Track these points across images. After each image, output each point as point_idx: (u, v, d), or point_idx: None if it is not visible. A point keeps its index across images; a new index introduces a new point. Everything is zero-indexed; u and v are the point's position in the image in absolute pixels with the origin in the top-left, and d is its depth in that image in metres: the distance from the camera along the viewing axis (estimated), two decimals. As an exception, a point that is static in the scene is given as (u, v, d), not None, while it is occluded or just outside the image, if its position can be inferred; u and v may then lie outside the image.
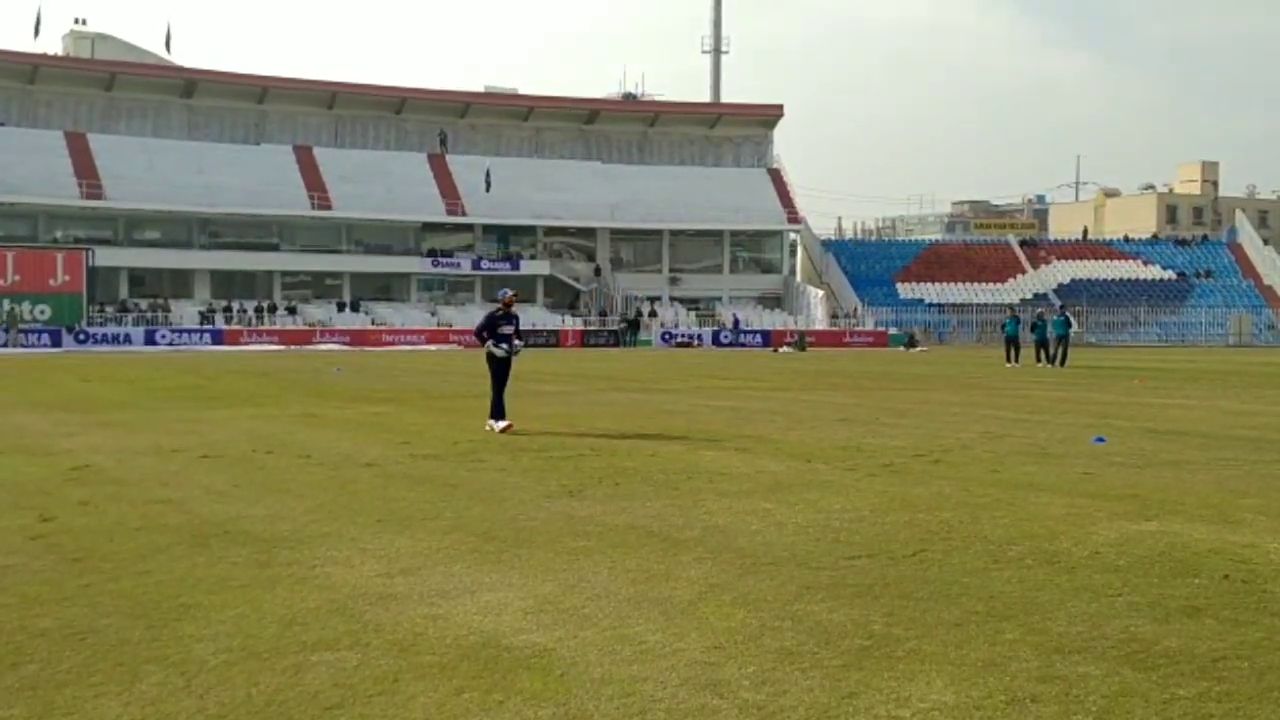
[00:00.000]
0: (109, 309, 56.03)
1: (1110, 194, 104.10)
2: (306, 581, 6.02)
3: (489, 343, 13.89)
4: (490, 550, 6.81)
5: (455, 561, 6.50)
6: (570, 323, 62.17)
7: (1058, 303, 63.03)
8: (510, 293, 14.38)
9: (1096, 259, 74.82)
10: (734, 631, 5.03)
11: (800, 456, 11.32)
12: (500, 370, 13.85)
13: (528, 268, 65.59)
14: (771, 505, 8.38)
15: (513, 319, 14.07)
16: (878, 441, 12.66)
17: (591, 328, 61.70)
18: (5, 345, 48.31)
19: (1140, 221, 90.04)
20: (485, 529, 7.48)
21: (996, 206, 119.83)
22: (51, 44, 74.41)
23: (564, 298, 66.91)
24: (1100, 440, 12.82)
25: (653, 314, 64.79)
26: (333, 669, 4.53)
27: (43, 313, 52.88)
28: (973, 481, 9.58)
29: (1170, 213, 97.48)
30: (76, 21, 71.09)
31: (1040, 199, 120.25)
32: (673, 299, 68.22)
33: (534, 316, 62.65)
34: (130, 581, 6.02)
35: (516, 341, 14.06)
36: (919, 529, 7.46)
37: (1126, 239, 78.99)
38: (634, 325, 61.24)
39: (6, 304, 51.82)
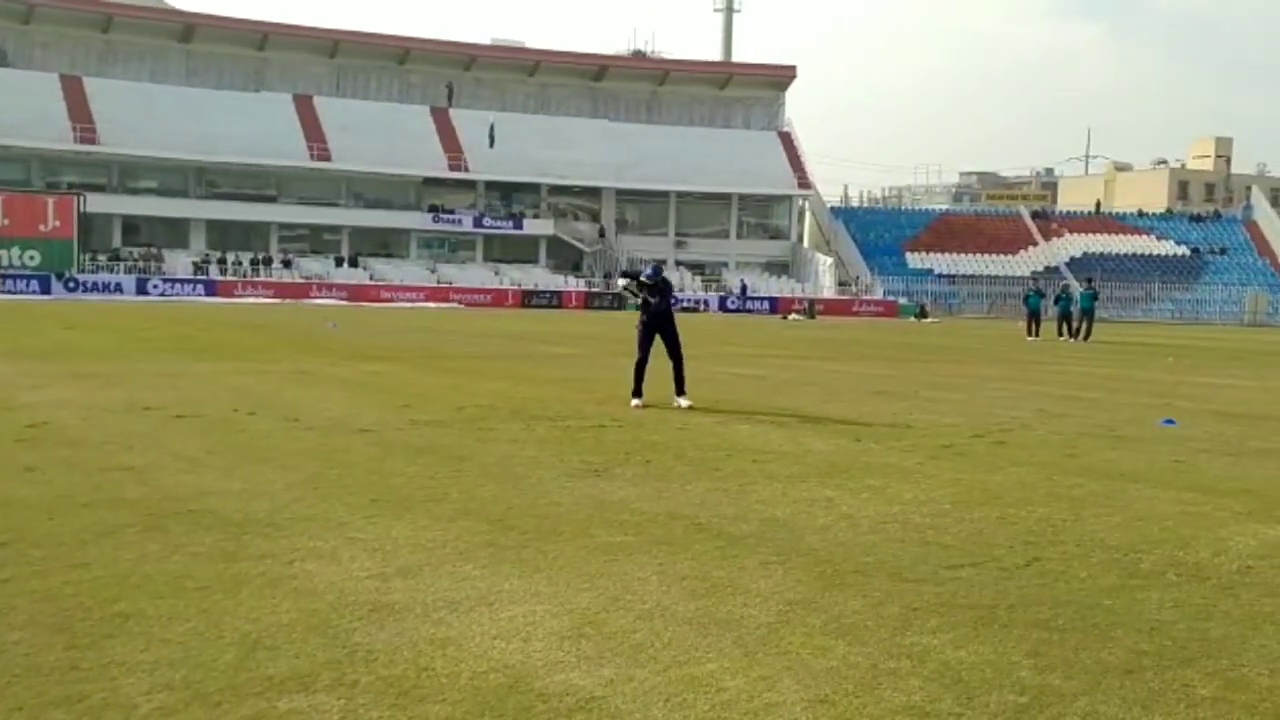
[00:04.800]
0: (101, 257, 54.63)
1: (1121, 168, 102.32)
2: (280, 583, 4.81)
3: (627, 287, 12.24)
4: (508, 544, 5.60)
5: (466, 559, 5.29)
6: (573, 284, 60.79)
7: (1069, 276, 61.69)
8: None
9: (1109, 233, 73.38)
10: (837, 674, 3.83)
11: (847, 434, 10.10)
12: (645, 333, 12.26)
13: (531, 227, 64.14)
14: (833, 493, 7.18)
15: (657, 291, 12.27)
16: (927, 418, 11.45)
17: (596, 290, 60.34)
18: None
19: (1151, 196, 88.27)
20: (500, 515, 6.27)
21: (1004, 178, 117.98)
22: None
23: (567, 259, 65.48)
24: (1169, 422, 11.64)
25: (658, 277, 63.37)
26: (306, 722, 3.33)
27: (32, 259, 51.45)
28: (1053, 468, 8.38)
29: (1182, 188, 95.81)
30: (73, -39, 69.13)
31: (1048, 172, 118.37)
32: (678, 263, 66.77)
33: (536, 277, 61.34)
34: (60, 578, 4.81)
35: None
36: (1017, 528, 6.26)
37: (1140, 213, 77.48)
38: (640, 288, 59.81)
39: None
